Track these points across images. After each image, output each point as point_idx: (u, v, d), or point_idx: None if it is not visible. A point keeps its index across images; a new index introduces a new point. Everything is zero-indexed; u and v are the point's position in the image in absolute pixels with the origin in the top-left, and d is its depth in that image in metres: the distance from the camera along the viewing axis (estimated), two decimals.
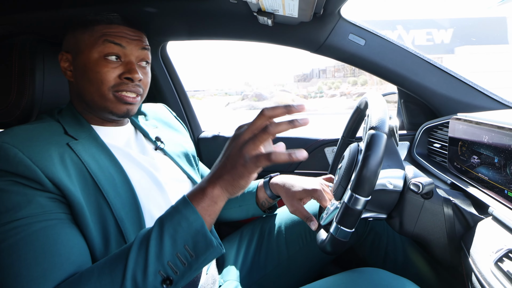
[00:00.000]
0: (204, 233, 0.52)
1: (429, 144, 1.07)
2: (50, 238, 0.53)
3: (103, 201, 0.61)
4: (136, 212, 0.65)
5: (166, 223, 0.52)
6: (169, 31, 1.12)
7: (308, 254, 0.94)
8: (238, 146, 0.52)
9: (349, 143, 0.93)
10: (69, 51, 0.70)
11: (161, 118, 0.94)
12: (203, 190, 0.53)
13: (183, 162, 0.85)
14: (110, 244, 0.61)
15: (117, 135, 0.75)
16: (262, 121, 0.52)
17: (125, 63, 0.69)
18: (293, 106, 0.51)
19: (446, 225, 0.69)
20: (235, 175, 0.51)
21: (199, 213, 0.52)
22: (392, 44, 1.01)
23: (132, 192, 0.66)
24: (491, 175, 0.70)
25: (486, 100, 0.99)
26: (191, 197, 0.54)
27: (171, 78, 1.26)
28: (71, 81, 0.72)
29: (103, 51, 0.67)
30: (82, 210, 0.58)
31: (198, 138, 1.34)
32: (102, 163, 0.65)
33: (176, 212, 0.53)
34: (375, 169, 0.58)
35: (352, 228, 0.62)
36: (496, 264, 0.56)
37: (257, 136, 0.50)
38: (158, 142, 0.82)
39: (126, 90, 0.69)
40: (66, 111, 0.72)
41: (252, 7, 0.87)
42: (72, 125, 0.68)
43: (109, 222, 0.61)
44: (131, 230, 0.63)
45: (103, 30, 0.68)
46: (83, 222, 0.58)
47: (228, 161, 0.52)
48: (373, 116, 0.63)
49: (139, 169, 0.71)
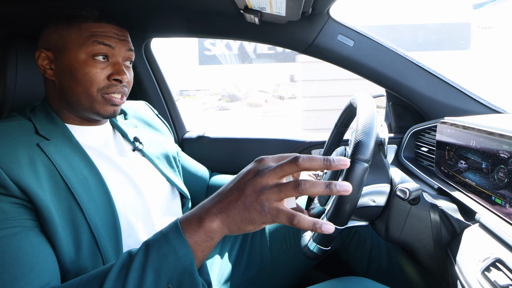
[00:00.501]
0: (192, 273, 0.44)
1: (416, 148, 1.06)
2: (12, 247, 0.49)
3: (76, 205, 0.58)
4: (111, 217, 0.61)
5: (151, 252, 0.45)
6: (153, 28, 1.08)
7: (292, 258, 0.92)
8: (257, 187, 0.44)
9: (342, 132, 0.91)
10: (50, 48, 0.66)
11: (142, 117, 0.90)
12: (200, 221, 0.45)
13: (162, 164, 0.81)
14: (82, 250, 0.57)
15: (94, 135, 0.71)
16: (293, 170, 0.43)
17: (112, 63, 0.67)
18: (333, 161, 0.43)
19: (432, 232, 0.68)
20: (245, 219, 0.44)
21: (191, 248, 0.45)
22: (381, 45, 0.99)
23: (107, 196, 0.62)
24: (479, 181, 0.68)
25: (474, 104, 0.99)
26: (185, 224, 0.46)
27: (155, 76, 1.22)
28: (52, 79, 0.67)
29: (92, 51, 0.64)
30: (50, 215, 0.54)
31: (183, 138, 1.30)
32: (75, 164, 0.61)
33: (165, 241, 0.46)
34: (353, 203, 0.55)
35: (328, 246, 0.61)
36: (483, 273, 0.54)
37: (284, 188, 0.43)
38: (137, 143, 0.78)
39: (115, 92, 0.67)
40: (39, 109, 0.68)
41: (239, 4, 0.84)
42: (45, 124, 0.64)
43: (81, 227, 0.57)
44: (105, 235, 0.60)
45: (91, 29, 0.65)
46: (52, 229, 0.54)
47: (241, 199, 0.44)
48: (358, 134, 0.57)
49: (116, 171, 0.68)
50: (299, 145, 1.22)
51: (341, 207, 0.55)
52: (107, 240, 0.59)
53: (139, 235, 0.66)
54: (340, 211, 0.56)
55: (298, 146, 1.22)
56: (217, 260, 0.93)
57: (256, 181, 0.44)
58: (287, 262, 0.92)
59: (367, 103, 0.64)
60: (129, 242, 0.64)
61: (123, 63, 0.69)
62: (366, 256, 0.96)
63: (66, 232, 0.56)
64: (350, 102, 0.85)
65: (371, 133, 0.57)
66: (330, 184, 0.42)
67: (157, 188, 0.75)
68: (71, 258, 0.55)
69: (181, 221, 0.47)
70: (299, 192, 0.42)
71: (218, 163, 1.25)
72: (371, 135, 0.57)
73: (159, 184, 0.77)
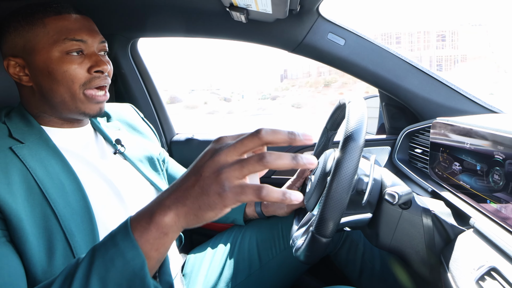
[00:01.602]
0: (143, 277, 0.39)
1: (410, 149, 1.03)
2: None
3: (50, 211, 0.55)
4: (89, 224, 0.58)
5: (97, 258, 0.40)
6: (139, 27, 1.05)
7: (282, 264, 0.88)
8: (216, 167, 0.38)
9: (332, 135, 0.88)
10: (18, 55, 0.62)
11: (126, 120, 0.87)
12: (151, 216, 0.39)
13: (145, 167, 0.78)
14: (55, 259, 0.54)
15: (73, 137, 0.68)
16: (255, 144, 0.38)
17: (88, 55, 0.64)
18: (298, 135, 0.39)
19: (425, 238, 0.64)
20: (204, 204, 0.38)
21: (141, 248, 0.39)
22: (372, 44, 0.96)
23: (85, 201, 0.59)
24: (473, 183, 0.65)
25: (469, 104, 0.96)
26: (135, 222, 0.40)
27: (141, 77, 1.19)
28: (29, 86, 0.64)
29: (64, 49, 0.61)
30: (20, 223, 0.51)
31: (171, 141, 1.27)
32: (51, 169, 0.58)
33: (112, 244, 0.40)
34: (337, 218, 0.53)
35: (315, 259, 0.59)
36: (478, 283, 0.51)
37: (247, 163, 0.37)
38: (118, 146, 0.75)
39: (98, 85, 0.65)
40: (15, 113, 0.65)
41: (224, 1, 0.81)
42: (20, 127, 0.61)
43: (55, 235, 0.54)
44: (82, 243, 0.56)
45: (57, 25, 0.61)
46: (22, 237, 0.51)
47: (198, 183, 0.38)
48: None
49: (96, 175, 0.65)
50: (290, 147, 1.19)
51: (325, 221, 0.53)
52: (84, 248, 0.56)
53: None
54: (325, 222, 0.53)
55: (290, 149, 1.19)
56: (204, 266, 0.89)
57: (214, 161, 0.39)
58: (277, 267, 0.88)
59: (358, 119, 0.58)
60: None
61: (98, 53, 0.67)
62: (359, 261, 0.93)
63: (38, 241, 0.53)
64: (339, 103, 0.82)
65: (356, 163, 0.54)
66: (296, 156, 0.38)
67: (139, 191, 0.72)
68: (42, 268, 0.52)
69: (132, 219, 0.41)
70: (264, 165, 0.37)
71: None
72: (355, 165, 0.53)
73: (141, 187, 0.73)
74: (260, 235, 0.91)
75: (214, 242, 0.96)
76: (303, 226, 0.74)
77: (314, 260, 0.60)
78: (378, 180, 0.67)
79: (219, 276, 0.86)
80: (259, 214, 0.94)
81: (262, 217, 0.94)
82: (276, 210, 0.91)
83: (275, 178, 1.20)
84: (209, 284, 0.84)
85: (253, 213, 0.94)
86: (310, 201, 0.66)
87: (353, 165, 0.52)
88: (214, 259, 0.90)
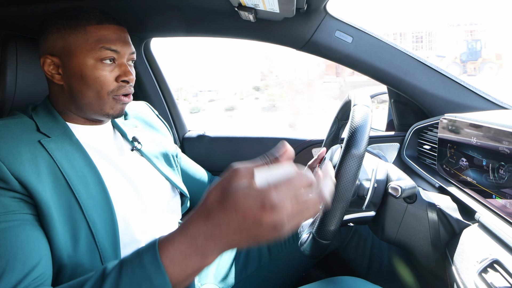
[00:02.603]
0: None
1: (419, 146, 1.03)
2: (8, 240, 0.51)
3: (75, 201, 0.59)
4: (109, 214, 0.62)
5: (124, 277, 0.40)
6: (152, 28, 1.09)
7: (290, 257, 0.91)
8: (277, 225, 0.37)
9: (343, 125, 0.89)
10: (55, 54, 0.66)
11: (142, 117, 0.91)
12: (204, 261, 0.39)
13: (161, 163, 0.81)
14: (80, 246, 0.58)
15: (94, 134, 0.73)
16: (310, 191, 0.38)
17: (119, 65, 0.69)
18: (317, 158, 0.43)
19: (430, 231, 0.65)
20: (253, 243, 0.39)
21: (168, 278, 0.39)
22: (380, 41, 0.97)
23: (105, 194, 0.63)
24: (480, 179, 0.66)
25: (478, 100, 0.95)
26: (169, 245, 0.40)
27: (155, 76, 1.23)
28: (60, 84, 0.68)
29: (99, 56, 0.66)
30: (49, 210, 0.55)
31: (183, 137, 1.31)
32: (75, 162, 0.63)
33: (140, 266, 0.40)
34: (338, 220, 0.55)
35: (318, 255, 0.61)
36: (480, 274, 0.52)
37: (308, 214, 0.38)
38: (135, 143, 0.78)
39: (124, 93, 0.69)
40: (41, 108, 0.69)
41: (233, 1, 0.84)
42: (46, 122, 0.66)
43: (79, 223, 0.58)
44: (103, 232, 0.60)
45: (98, 34, 0.66)
46: (50, 223, 0.55)
47: (259, 238, 0.38)
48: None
49: (115, 170, 0.69)
50: (299, 144, 1.20)
51: (325, 226, 0.56)
52: (105, 237, 0.60)
53: (135, 233, 0.66)
54: (324, 229, 0.56)
55: (298, 145, 1.20)
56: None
57: (275, 233, 0.37)
58: (286, 260, 0.91)
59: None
60: (126, 240, 0.64)
61: (127, 63, 0.71)
62: (367, 255, 0.94)
63: (64, 227, 0.57)
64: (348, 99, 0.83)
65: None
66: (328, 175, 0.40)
67: (155, 187, 0.75)
68: (68, 253, 0.56)
69: (161, 241, 0.41)
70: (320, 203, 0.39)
71: (219, 162, 1.25)
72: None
73: (157, 183, 0.77)
74: None
75: None
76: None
77: (318, 256, 0.62)
78: (382, 180, 0.68)
79: (229, 268, 0.89)
80: None
81: None
82: None
83: None
84: (220, 275, 0.87)
85: None
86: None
87: (352, 175, 0.53)
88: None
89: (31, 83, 0.80)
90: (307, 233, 0.65)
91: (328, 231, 0.56)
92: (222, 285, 0.86)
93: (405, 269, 0.90)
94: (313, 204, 0.38)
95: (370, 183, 0.66)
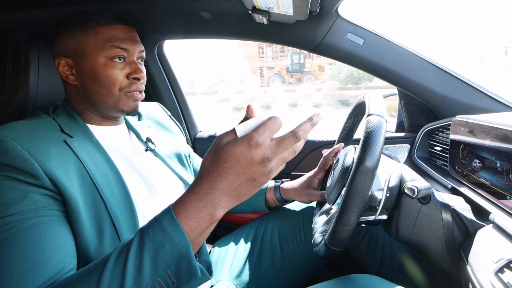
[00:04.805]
0: (189, 259, 0.45)
1: (430, 147, 1.04)
2: (38, 236, 0.52)
3: (99, 198, 0.61)
4: (130, 211, 0.65)
5: (147, 241, 0.46)
6: (165, 30, 1.10)
7: (302, 256, 0.92)
8: (267, 171, 0.45)
9: (357, 122, 0.90)
10: (69, 55, 0.69)
11: (155, 118, 0.93)
12: (211, 218, 0.46)
13: (174, 163, 0.83)
14: (104, 240, 0.60)
15: (111, 135, 0.75)
16: (293, 143, 0.46)
17: (129, 63, 0.71)
18: (314, 119, 0.49)
19: (444, 232, 0.66)
20: (255, 189, 0.47)
21: (186, 234, 0.45)
22: (391, 43, 0.98)
23: (125, 192, 0.65)
24: (493, 180, 0.66)
25: (489, 101, 0.96)
26: (181, 210, 0.47)
27: (167, 77, 1.25)
28: (74, 84, 0.71)
29: (110, 55, 0.68)
30: (77, 207, 0.57)
31: (195, 138, 1.32)
32: (97, 161, 0.65)
33: (160, 229, 0.46)
34: (351, 228, 0.57)
35: (340, 247, 0.62)
36: (496, 274, 0.52)
37: (288, 153, 0.47)
38: (149, 143, 0.80)
39: (135, 90, 0.71)
40: (61, 110, 0.71)
41: (247, 5, 0.85)
42: (68, 123, 0.68)
43: (104, 219, 0.61)
44: (125, 228, 0.63)
45: (107, 33, 0.68)
46: (78, 219, 0.57)
47: (253, 183, 0.46)
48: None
49: (132, 169, 0.71)
50: (310, 144, 1.22)
51: (336, 235, 0.57)
52: (127, 232, 0.62)
53: None
54: (335, 238, 0.58)
55: (309, 146, 1.21)
56: (229, 255, 0.94)
57: (265, 167, 0.45)
58: (298, 259, 0.92)
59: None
60: None
61: (137, 61, 0.73)
62: (378, 255, 0.95)
63: (91, 223, 0.59)
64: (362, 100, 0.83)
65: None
66: (311, 118, 0.48)
67: (169, 185, 0.77)
68: (94, 247, 0.59)
69: (175, 206, 0.48)
70: (299, 139, 0.46)
71: None
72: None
73: (171, 182, 0.79)
74: (282, 228, 0.95)
75: (238, 234, 1.01)
76: (323, 214, 0.77)
77: (331, 257, 0.63)
78: (395, 186, 0.68)
79: (243, 265, 0.90)
80: (278, 199, 0.99)
81: (281, 201, 0.99)
82: (295, 196, 0.96)
83: (295, 174, 1.23)
84: (234, 273, 0.89)
85: (273, 198, 0.99)
86: (331, 195, 0.69)
87: (365, 190, 0.54)
88: (239, 249, 0.95)
89: (51, 84, 0.82)
90: (320, 236, 0.66)
91: (339, 240, 0.57)
92: (236, 282, 0.87)
93: (417, 268, 0.90)
94: (288, 139, 0.46)
95: (382, 193, 0.66)
